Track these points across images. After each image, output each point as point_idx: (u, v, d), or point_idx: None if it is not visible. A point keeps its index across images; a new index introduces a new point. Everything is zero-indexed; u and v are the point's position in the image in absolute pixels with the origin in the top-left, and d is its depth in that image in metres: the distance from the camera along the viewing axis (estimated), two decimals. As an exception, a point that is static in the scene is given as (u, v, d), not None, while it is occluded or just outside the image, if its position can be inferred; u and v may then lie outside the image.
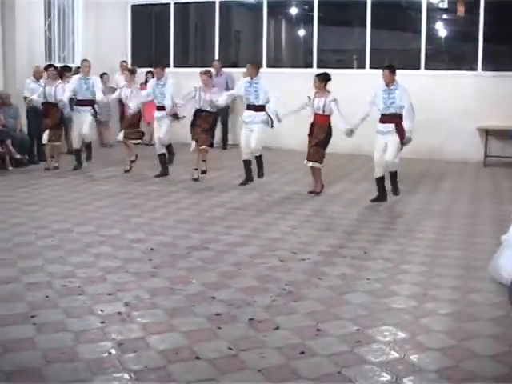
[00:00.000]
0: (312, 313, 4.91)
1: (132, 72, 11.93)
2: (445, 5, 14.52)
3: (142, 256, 6.43)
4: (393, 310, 5.01)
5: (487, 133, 12.92)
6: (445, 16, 14.84)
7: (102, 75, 13.61)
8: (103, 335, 4.50)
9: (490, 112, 12.76)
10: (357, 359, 4.15)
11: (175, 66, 15.16)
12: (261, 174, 10.44)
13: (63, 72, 12.29)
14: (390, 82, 8.89)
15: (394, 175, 9.22)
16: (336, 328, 4.62)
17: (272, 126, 10.06)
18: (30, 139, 12.44)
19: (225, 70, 14.32)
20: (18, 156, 11.73)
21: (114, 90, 13.27)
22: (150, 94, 11.07)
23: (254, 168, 10.42)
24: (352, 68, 14.70)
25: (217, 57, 15.11)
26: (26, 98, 12.33)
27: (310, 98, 9.45)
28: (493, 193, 10.14)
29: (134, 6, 15.89)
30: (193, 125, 10.62)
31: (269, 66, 14.64)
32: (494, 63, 13.52)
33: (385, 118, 8.94)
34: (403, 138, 8.82)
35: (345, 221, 8.07)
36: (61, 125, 12.00)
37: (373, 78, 10.30)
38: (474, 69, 13.33)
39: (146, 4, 15.79)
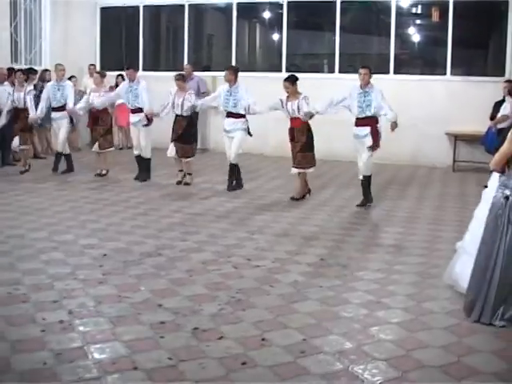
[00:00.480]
0: (259, 322, 4.78)
1: (102, 75, 11.64)
2: (415, 10, 14.49)
3: (93, 262, 6.27)
4: (342, 319, 4.88)
5: (456, 138, 12.88)
6: (415, 21, 14.83)
7: (70, 78, 13.38)
8: (41, 345, 4.34)
9: (459, 117, 12.72)
10: (300, 370, 4.02)
11: (144, 70, 14.93)
12: (230, 186, 10.18)
13: (29, 75, 12.12)
14: (366, 83, 8.83)
15: (365, 180, 9.22)
16: (282, 338, 4.49)
17: (250, 135, 9.93)
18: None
19: (196, 73, 14.13)
20: None
21: (82, 93, 13.08)
22: (120, 94, 10.93)
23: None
24: (322, 72, 14.59)
25: (186, 60, 14.93)
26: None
27: (281, 100, 9.30)
28: (459, 198, 10.07)
29: (103, 9, 15.68)
30: (173, 129, 10.53)
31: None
32: (464, 68, 13.50)
33: (360, 122, 8.90)
34: (376, 141, 8.86)
35: (304, 226, 7.94)
36: (30, 129, 11.77)
37: (342, 82, 10.24)
38: (444, 73, 13.27)
39: (116, 6, 15.55)
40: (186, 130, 10.41)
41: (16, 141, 11.55)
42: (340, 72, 13.75)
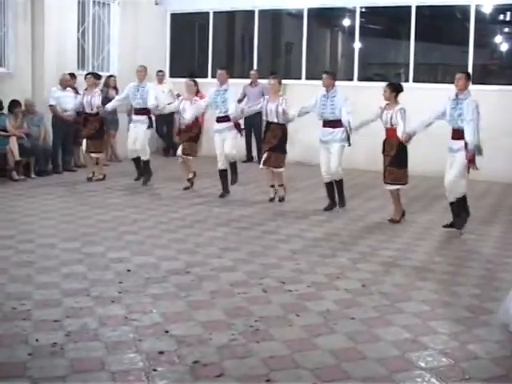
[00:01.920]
0: (270, 358, 4.17)
1: (195, 83, 10.79)
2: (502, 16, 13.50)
3: (114, 278, 5.83)
4: (367, 361, 4.20)
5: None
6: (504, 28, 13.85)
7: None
8: (21, 371, 3.92)
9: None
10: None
11: (213, 77, 14.52)
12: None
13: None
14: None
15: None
16: (290, 380, 3.88)
17: (349, 144, 9.00)
18: (55, 148, 12.10)
19: (260, 81, 13.66)
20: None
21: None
22: (210, 104, 10.20)
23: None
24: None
25: (256, 66, 14.50)
26: (51, 106, 12.01)
27: (381, 108, 8.49)
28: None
29: (173, 15, 15.42)
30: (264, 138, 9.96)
31: (308, 78, 13.98)
32: None
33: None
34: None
35: (353, 246, 7.25)
36: (101, 135, 11.46)
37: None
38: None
39: (186, 12, 15.26)
40: (282, 139, 9.61)
41: (83, 146, 11.30)
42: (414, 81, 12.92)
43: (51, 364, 4.03)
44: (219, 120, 10.03)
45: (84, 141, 11.21)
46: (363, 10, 13.66)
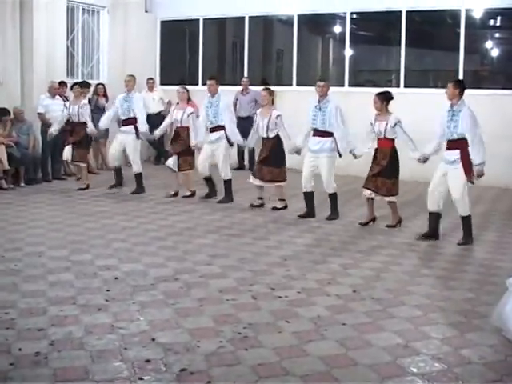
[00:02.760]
0: (259, 365, 4.07)
1: (187, 91, 10.61)
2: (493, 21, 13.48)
3: (101, 286, 5.72)
4: (358, 367, 4.10)
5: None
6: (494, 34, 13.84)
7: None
8: (3, 381, 3.79)
9: None
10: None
11: (204, 84, 14.45)
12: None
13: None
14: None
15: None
16: (279, 387, 3.78)
17: (340, 155, 8.85)
18: (44, 156, 11.98)
19: (252, 87, 13.61)
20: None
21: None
22: (205, 117, 10.05)
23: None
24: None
25: (246, 74, 14.45)
26: (39, 113, 11.92)
27: (371, 123, 8.38)
28: None
29: (163, 22, 15.35)
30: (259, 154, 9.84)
31: (298, 84, 13.94)
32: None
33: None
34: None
35: (345, 252, 7.16)
36: (86, 145, 11.37)
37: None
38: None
39: (176, 20, 15.19)
40: (275, 151, 9.45)
41: (66, 152, 11.15)
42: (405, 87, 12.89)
43: (34, 373, 3.92)
44: (211, 130, 9.96)
45: (66, 148, 11.06)
46: (354, 16, 13.62)
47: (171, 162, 10.38)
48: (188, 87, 10.79)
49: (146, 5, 15.04)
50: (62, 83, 12.28)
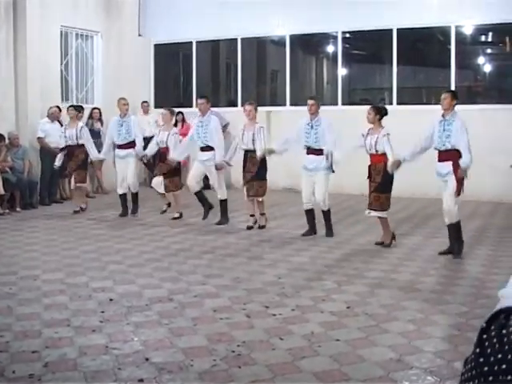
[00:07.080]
0: (252, 383, 4.09)
1: (172, 113, 10.80)
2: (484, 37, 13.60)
3: (96, 308, 5.73)
4: (352, 381, 4.12)
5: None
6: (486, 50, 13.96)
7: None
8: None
9: None
10: None
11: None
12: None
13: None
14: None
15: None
16: (271, 404, 3.79)
17: (333, 171, 8.89)
18: (43, 181, 12.03)
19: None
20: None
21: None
22: (192, 136, 10.07)
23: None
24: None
25: (240, 96, 14.54)
26: (39, 138, 12.00)
27: (363, 134, 8.38)
28: None
29: (156, 45, 15.46)
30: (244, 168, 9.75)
31: (292, 104, 14.04)
32: None
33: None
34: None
35: (338, 269, 7.18)
36: (86, 166, 11.42)
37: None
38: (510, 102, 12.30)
39: (170, 43, 15.30)
40: (261, 167, 9.47)
41: (72, 181, 11.24)
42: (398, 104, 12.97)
43: (26, 397, 3.93)
44: (203, 149, 9.94)
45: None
46: (346, 35, 13.74)
47: (155, 182, 10.53)
48: (183, 109, 10.93)
49: (140, 29, 15.19)
50: (57, 108, 12.34)
